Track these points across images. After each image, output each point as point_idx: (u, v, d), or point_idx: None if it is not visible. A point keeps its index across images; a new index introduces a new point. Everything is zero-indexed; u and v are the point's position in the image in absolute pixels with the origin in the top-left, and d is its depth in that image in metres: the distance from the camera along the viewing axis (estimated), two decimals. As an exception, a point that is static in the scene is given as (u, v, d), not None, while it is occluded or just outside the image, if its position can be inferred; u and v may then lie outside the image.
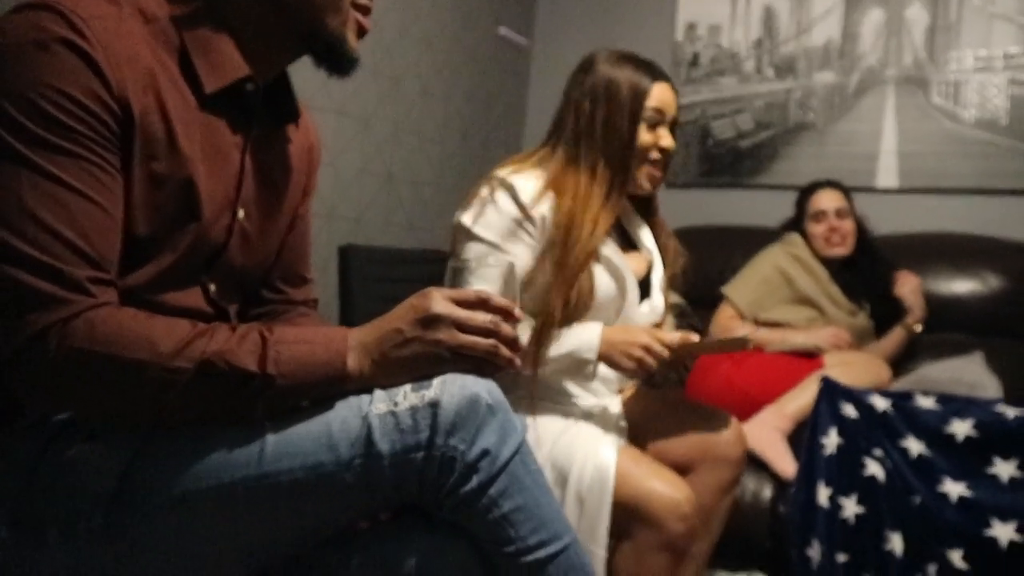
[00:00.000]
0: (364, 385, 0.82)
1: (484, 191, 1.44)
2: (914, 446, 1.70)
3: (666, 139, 1.47)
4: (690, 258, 1.65)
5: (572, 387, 1.49)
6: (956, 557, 1.58)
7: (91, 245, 0.76)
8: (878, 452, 1.71)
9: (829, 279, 2.27)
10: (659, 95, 1.46)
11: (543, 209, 1.40)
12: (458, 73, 2.91)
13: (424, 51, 2.73)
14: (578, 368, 1.41)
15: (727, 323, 2.27)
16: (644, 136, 1.45)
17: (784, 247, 2.34)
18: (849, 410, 1.77)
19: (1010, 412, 1.67)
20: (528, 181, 1.42)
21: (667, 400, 1.60)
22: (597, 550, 1.33)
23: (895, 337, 2.23)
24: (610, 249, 1.46)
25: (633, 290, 1.48)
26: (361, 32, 0.98)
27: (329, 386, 0.81)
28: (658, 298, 1.57)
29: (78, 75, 0.76)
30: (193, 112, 0.87)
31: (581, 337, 1.39)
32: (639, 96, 1.44)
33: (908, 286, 2.25)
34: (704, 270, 2.60)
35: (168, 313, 0.84)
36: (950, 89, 2.64)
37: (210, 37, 0.89)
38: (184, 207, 0.87)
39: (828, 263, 2.29)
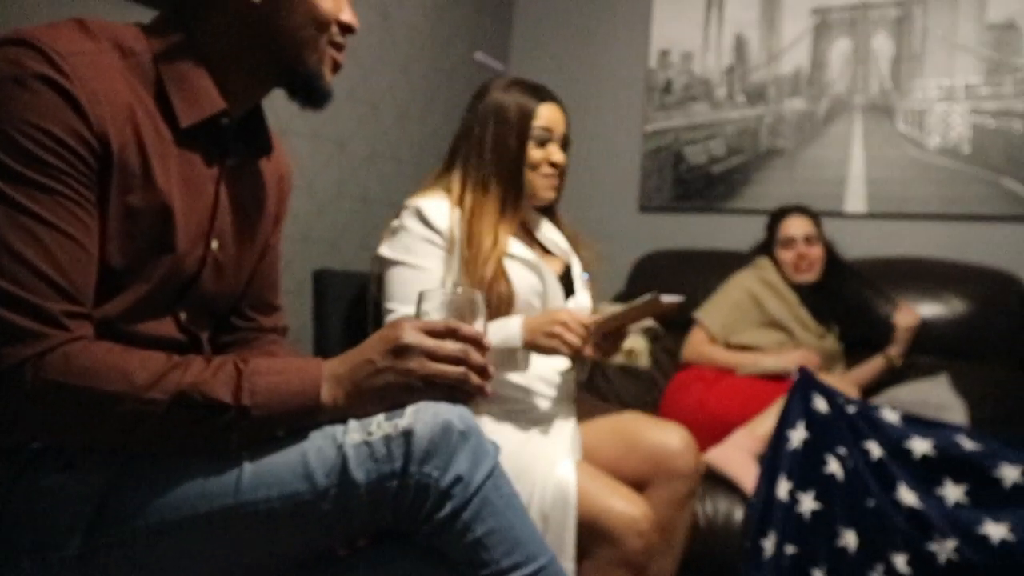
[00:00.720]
0: (338, 415, 0.83)
1: (395, 221, 1.54)
2: (875, 450, 1.76)
3: (556, 154, 1.59)
4: (649, 286, 1.74)
5: (520, 392, 1.52)
6: (901, 562, 1.64)
7: (67, 279, 0.77)
8: (842, 450, 1.76)
9: (798, 303, 2.31)
10: (546, 115, 1.58)
11: (450, 224, 1.50)
12: (435, 97, 2.94)
13: (401, 75, 2.75)
14: (509, 360, 1.47)
15: (699, 347, 2.30)
16: (534, 153, 1.57)
17: (754, 271, 2.38)
18: (820, 404, 1.82)
19: (967, 444, 1.73)
20: (432, 201, 1.52)
21: (619, 415, 1.65)
22: (567, 564, 1.36)
23: (874, 365, 2.26)
24: (525, 252, 1.55)
25: (553, 285, 1.57)
26: (336, 67, 1.00)
27: (303, 417, 0.82)
28: (583, 295, 1.67)
29: (57, 111, 0.77)
30: (169, 146, 0.88)
31: (505, 330, 1.45)
32: (526, 116, 1.56)
33: (906, 321, 2.26)
34: (677, 293, 2.64)
35: (141, 342, 0.85)
36: (915, 117, 2.71)
37: (187, 72, 0.90)
38: (159, 239, 0.88)
39: (797, 287, 2.33)
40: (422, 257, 1.48)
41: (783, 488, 1.75)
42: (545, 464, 1.41)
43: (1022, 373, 2.29)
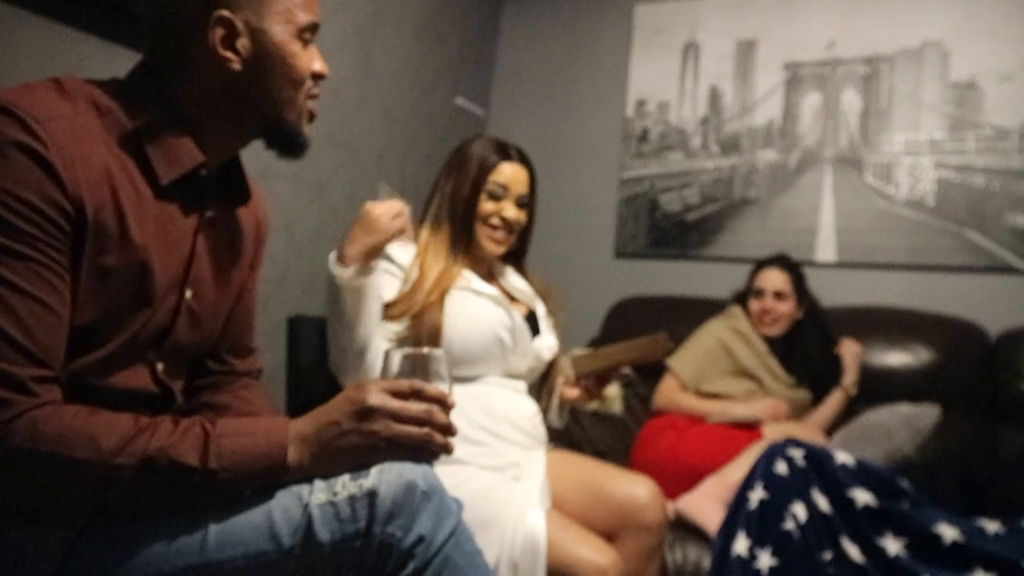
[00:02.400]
0: (303, 475, 0.84)
1: None
2: (822, 502, 1.78)
3: (508, 210, 1.66)
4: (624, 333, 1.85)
5: (488, 436, 1.54)
6: None
7: (36, 344, 0.78)
8: (797, 506, 1.79)
9: (768, 352, 2.35)
10: (507, 172, 1.66)
11: (406, 258, 1.61)
12: (415, 141, 2.99)
13: (382, 120, 2.80)
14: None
15: (670, 394, 2.33)
16: (486, 204, 1.64)
17: (725, 320, 2.42)
18: (780, 467, 1.85)
19: (905, 504, 1.76)
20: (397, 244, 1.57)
21: (588, 465, 1.67)
22: None
23: (833, 402, 2.31)
24: (490, 289, 1.63)
25: (520, 323, 1.63)
26: (312, 117, 1.03)
27: (269, 477, 0.83)
28: (549, 336, 1.72)
29: (33, 178, 0.78)
30: (147, 202, 0.90)
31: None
32: (484, 169, 1.64)
33: (848, 351, 2.35)
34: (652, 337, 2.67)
35: (114, 395, 0.85)
36: (882, 170, 2.79)
37: (165, 128, 0.92)
38: (136, 295, 0.89)
39: (767, 337, 2.37)
40: (378, 286, 1.53)
41: (742, 544, 1.77)
42: (515, 512, 1.42)
43: (985, 421, 2.33)
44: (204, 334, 1.04)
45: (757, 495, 1.82)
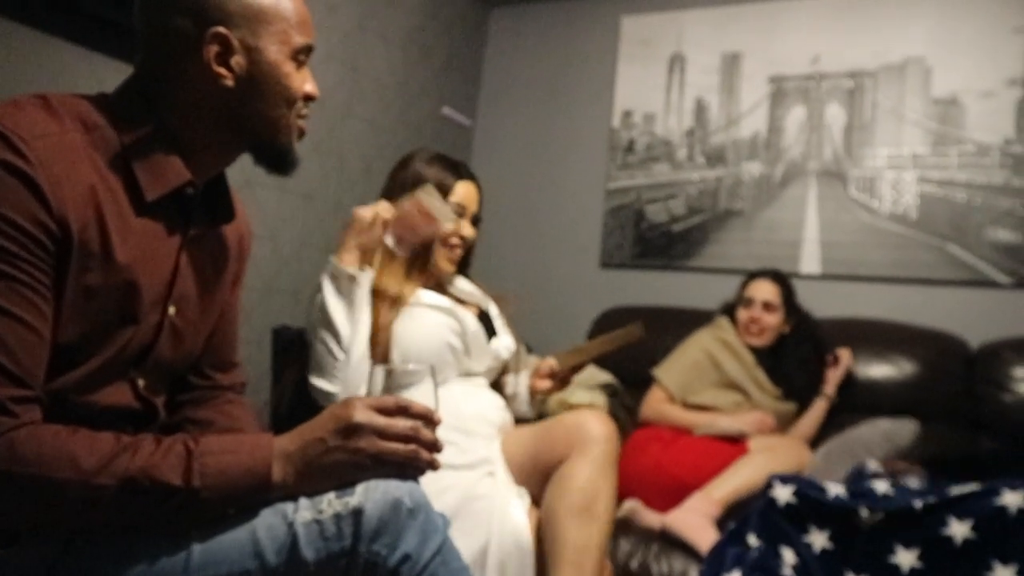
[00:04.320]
0: (288, 493, 0.84)
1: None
2: (818, 540, 1.72)
3: (466, 228, 1.70)
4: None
5: (457, 435, 1.53)
6: None
7: (17, 364, 0.77)
8: (788, 552, 1.73)
9: (755, 364, 2.36)
10: (462, 191, 1.67)
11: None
12: (401, 150, 2.94)
13: (368, 129, 2.79)
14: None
15: (657, 405, 2.33)
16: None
17: (712, 331, 2.43)
18: (772, 512, 1.77)
19: (918, 502, 1.68)
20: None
21: (528, 428, 1.66)
22: None
23: (816, 410, 2.33)
24: (438, 299, 1.64)
25: (472, 325, 1.65)
26: (301, 135, 1.03)
27: (254, 495, 0.82)
28: (505, 336, 1.77)
29: (17, 198, 0.77)
30: (132, 220, 0.89)
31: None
32: (442, 191, 1.62)
33: (841, 359, 2.39)
34: (636, 350, 2.68)
35: (96, 412, 0.84)
36: (866, 184, 2.81)
37: (152, 144, 0.91)
38: (121, 312, 0.88)
39: (754, 348, 2.38)
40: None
41: None
42: (499, 511, 1.43)
43: (966, 433, 2.36)
44: (186, 350, 1.04)
45: (751, 541, 1.76)
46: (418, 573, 0.82)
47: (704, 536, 1.88)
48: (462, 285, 1.80)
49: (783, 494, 1.77)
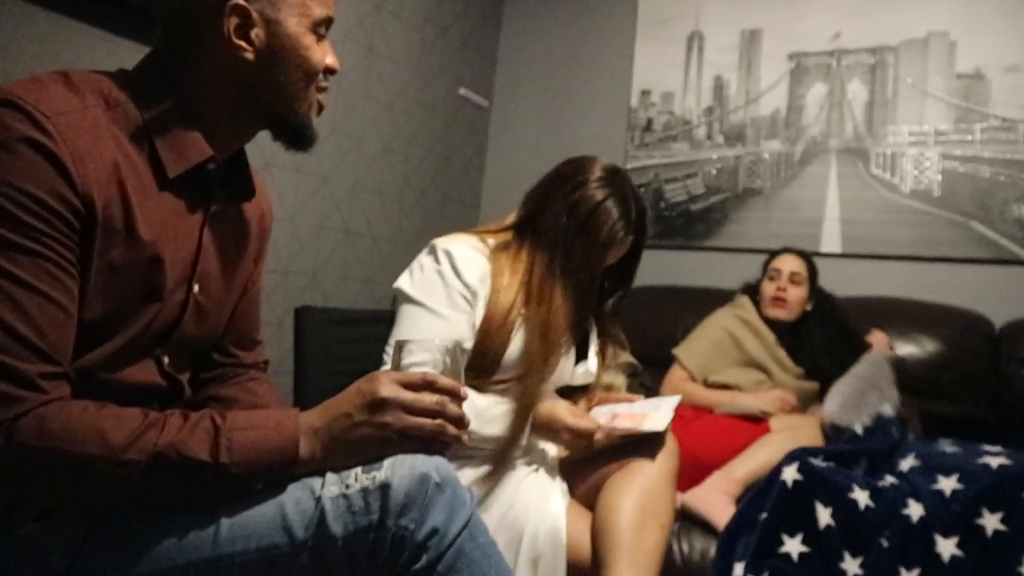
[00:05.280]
0: (315, 468, 0.84)
1: (424, 258, 1.49)
2: (823, 516, 1.70)
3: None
4: (629, 323, 1.82)
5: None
6: None
7: (45, 340, 0.77)
8: (798, 537, 1.71)
9: (776, 342, 2.34)
10: (625, 246, 1.56)
11: (479, 279, 1.44)
12: (418, 132, 2.98)
13: (385, 111, 2.79)
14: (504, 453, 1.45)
15: (678, 384, 2.32)
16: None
17: (733, 310, 2.41)
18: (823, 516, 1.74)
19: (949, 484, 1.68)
20: (469, 253, 1.46)
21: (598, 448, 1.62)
22: None
23: None
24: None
25: (568, 353, 1.58)
26: (320, 110, 1.03)
27: (280, 470, 0.83)
28: (592, 362, 1.67)
29: (41, 174, 0.77)
30: (154, 196, 0.89)
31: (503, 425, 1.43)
32: (611, 242, 1.49)
33: (878, 340, 2.35)
34: (656, 330, 2.67)
35: (122, 389, 0.85)
36: (887, 161, 2.78)
37: (173, 120, 0.91)
38: (146, 289, 0.88)
39: (775, 326, 2.36)
40: (441, 304, 1.43)
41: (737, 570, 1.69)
42: (537, 505, 1.41)
43: (989, 411, 2.34)
44: (210, 328, 1.04)
45: (795, 546, 1.72)
46: (446, 547, 0.82)
47: (723, 514, 1.87)
48: None
49: (789, 474, 1.75)
